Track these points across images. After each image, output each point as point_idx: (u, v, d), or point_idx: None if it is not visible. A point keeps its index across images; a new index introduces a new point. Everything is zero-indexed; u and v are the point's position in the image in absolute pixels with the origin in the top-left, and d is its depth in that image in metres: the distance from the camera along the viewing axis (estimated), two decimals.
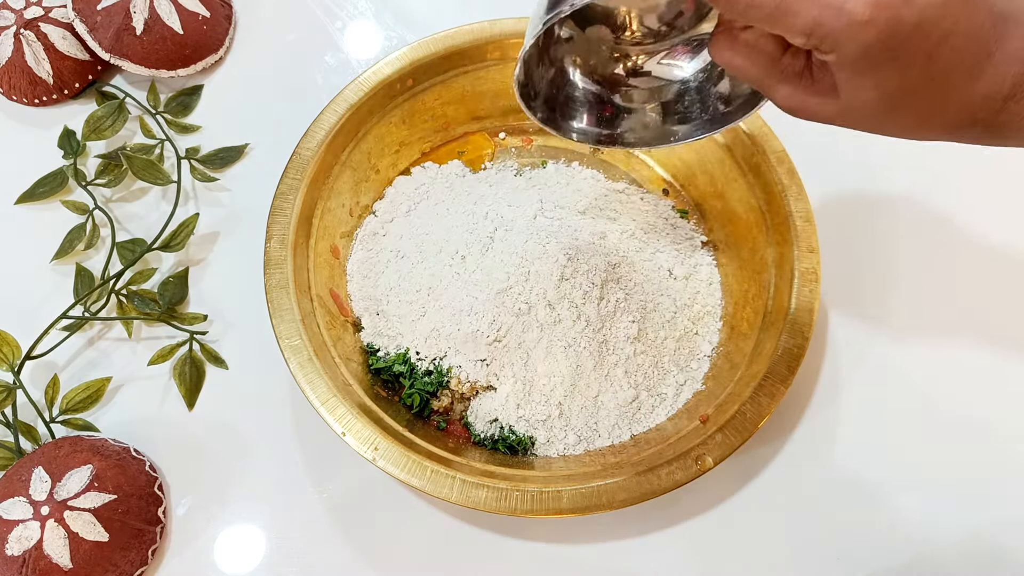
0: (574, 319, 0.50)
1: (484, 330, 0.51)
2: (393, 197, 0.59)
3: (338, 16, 0.68)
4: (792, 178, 0.53)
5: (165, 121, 0.63)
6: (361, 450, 0.45)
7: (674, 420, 0.51)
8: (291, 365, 0.48)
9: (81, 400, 0.53)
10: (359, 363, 0.52)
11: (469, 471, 0.46)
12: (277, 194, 0.53)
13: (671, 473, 0.45)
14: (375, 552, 0.50)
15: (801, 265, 0.51)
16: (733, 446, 0.46)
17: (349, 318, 0.54)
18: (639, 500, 0.45)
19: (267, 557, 0.50)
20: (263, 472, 0.52)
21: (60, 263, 0.58)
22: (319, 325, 0.50)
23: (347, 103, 0.56)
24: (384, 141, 0.58)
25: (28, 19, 0.61)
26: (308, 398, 0.47)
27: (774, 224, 0.53)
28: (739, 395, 0.48)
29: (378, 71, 0.57)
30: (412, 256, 0.55)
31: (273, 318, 0.49)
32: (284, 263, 0.51)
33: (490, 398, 0.52)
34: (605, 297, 0.51)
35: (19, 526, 0.45)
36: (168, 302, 0.56)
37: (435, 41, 0.58)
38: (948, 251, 0.59)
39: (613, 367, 0.52)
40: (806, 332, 0.49)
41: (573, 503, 0.44)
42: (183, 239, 0.57)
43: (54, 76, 0.62)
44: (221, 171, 0.61)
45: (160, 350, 0.54)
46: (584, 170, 0.60)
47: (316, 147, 0.54)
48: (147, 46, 0.62)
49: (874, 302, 0.57)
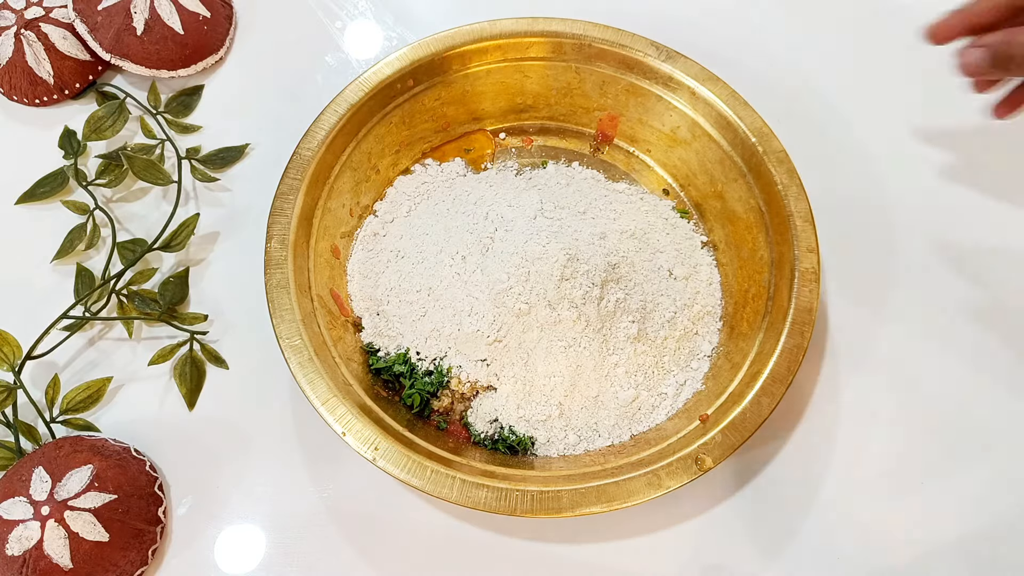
0: (574, 319, 0.50)
1: (484, 330, 0.51)
2: (393, 197, 0.59)
3: (338, 16, 0.68)
4: (792, 178, 0.53)
5: (166, 121, 0.63)
6: (361, 450, 0.45)
7: (674, 420, 0.51)
8: (291, 365, 0.48)
9: (81, 400, 0.53)
10: (359, 363, 0.52)
11: (469, 471, 0.46)
12: (277, 194, 0.53)
13: (671, 473, 0.45)
14: (375, 552, 0.50)
15: (801, 265, 0.51)
16: (733, 446, 0.46)
17: (349, 318, 0.54)
18: (639, 500, 0.45)
19: (267, 557, 0.50)
20: (263, 472, 0.52)
21: (61, 263, 0.58)
22: (319, 325, 0.50)
23: (347, 103, 0.56)
24: (384, 141, 0.58)
25: (29, 19, 0.61)
26: (308, 398, 0.47)
27: (774, 224, 0.53)
28: (739, 395, 0.48)
29: (378, 71, 0.57)
30: (412, 256, 0.55)
31: (273, 318, 0.49)
32: (284, 263, 0.51)
33: (490, 398, 0.52)
34: (605, 297, 0.51)
35: (19, 526, 0.45)
36: (168, 302, 0.56)
37: (435, 41, 0.58)
38: (948, 251, 0.59)
39: (613, 367, 0.52)
40: (806, 332, 0.49)
41: (573, 503, 0.44)
42: (183, 239, 0.57)
43: (55, 76, 0.62)
44: (221, 171, 0.62)
45: (160, 350, 0.54)
46: (584, 170, 0.60)
47: (316, 147, 0.54)
48: (147, 46, 0.62)
49: (874, 302, 0.57)
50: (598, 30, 0.58)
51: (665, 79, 0.57)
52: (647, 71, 0.58)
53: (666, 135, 0.59)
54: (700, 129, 0.57)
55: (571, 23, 0.58)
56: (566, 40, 0.58)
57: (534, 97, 0.61)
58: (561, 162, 0.61)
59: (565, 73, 0.59)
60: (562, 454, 0.50)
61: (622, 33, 0.58)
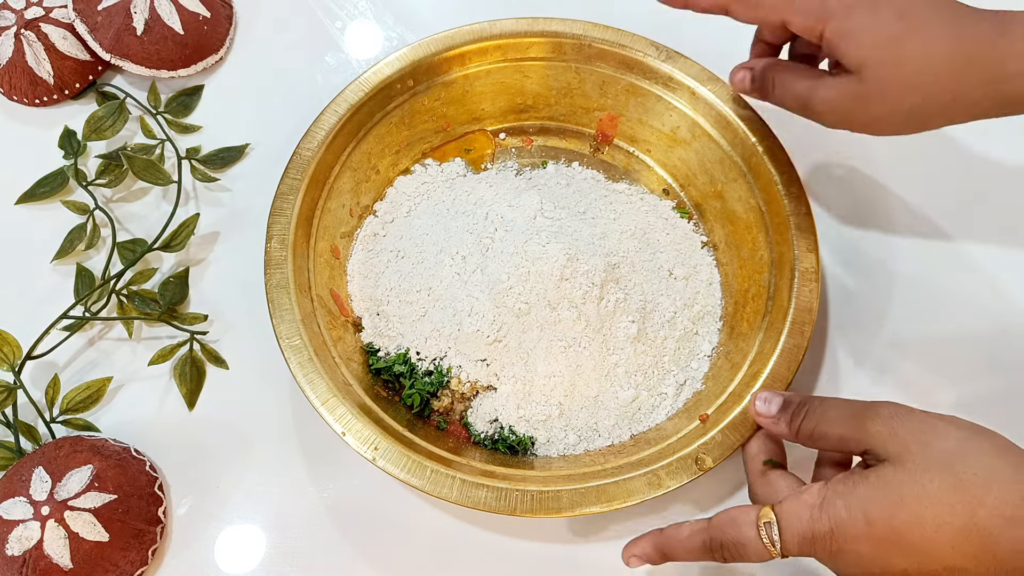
0: (574, 319, 0.50)
1: (484, 330, 0.51)
2: (393, 197, 0.59)
3: (338, 16, 0.68)
4: (792, 178, 0.53)
5: (166, 121, 0.63)
6: (361, 450, 0.45)
7: (674, 420, 0.51)
8: (291, 365, 0.48)
9: (81, 400, 0.53)
10: (359, 363, 0.52)
11: (469, 471, 0.46)
12: (277, 194, 0.53)
13: (671, 473, 0.45)
14: (375, 552, 0.50)
15: (801, 265, 0.51)
16: (733, 446, 0.46)
17: (349, 318, 0.54)
18: (639, 500, 0.45)
19: (267, 557, 0.50)
20: (263, 472, 0.52)
21: (60, 263, 0.58)
22: (319, 325, 0.50)
23: (348, 103, 0.56)
24: (384, 141, 0.58)
25: (29, 19, 0.61)
26: (308, 398, 0.47)
27: (774, 224, 0.53)
28: (739, 395, 0.48)
29: (378, 71, 0.57)
30: (412, 256, 0.55)
31: (273, 318, 0.49)
32: (284, 263, 0.51)
33: (490, 398, 0.52)
34: (605, 297, 0.51)
35: (19, 526, 0.45)
36: (168, 302, 0.56)
37: (435, 41, 0.58)
38: (948, 251, 0.59)
39: (613, 367, 0.52)
40: (806, 332, 0.49)
41: (573, 503, 0.44)
42: (183, 239, 0.57)
43: (55, 76, 0.62)
44: (221, 171, 0.62)
45: (160, 350, 0.54)
46: (584, 171, 0.60)
47: (317, 147, 0.54)
48: (148, 46, 0.62)
49: (874, 302, 0.57)
50: (598, 30, 0.58)
51: (665, 79, 0.57)
52: (647, 71, 0.58)
53: (666, 135, 0.59)
54: (700, 129, 0.57)
55: (571, 23, 0.58)
56: (566, 40, 0.58)
57: (534, 97, 0.61)
58: (561, 162, 0.61)
59: (565, 73, 0.59)
60: (562, 454, 0.50)
61: (622, 33, 0.58)
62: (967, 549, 0.35)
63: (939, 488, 0.36)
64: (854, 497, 0.37)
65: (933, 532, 0.35)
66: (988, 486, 0.35)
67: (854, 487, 0.37)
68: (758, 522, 0.39)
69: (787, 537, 0.38)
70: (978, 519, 0.35)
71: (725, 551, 0.40)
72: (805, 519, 0.38)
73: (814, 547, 0.38)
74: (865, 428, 0.39)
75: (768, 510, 0.39)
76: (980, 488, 0.35)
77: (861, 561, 0.37)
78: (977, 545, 0.35)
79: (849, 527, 0.37)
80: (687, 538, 0.41)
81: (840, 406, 0.41)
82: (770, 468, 0.44)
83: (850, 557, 0.37)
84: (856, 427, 0.39)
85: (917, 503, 0.36)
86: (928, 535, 0.35)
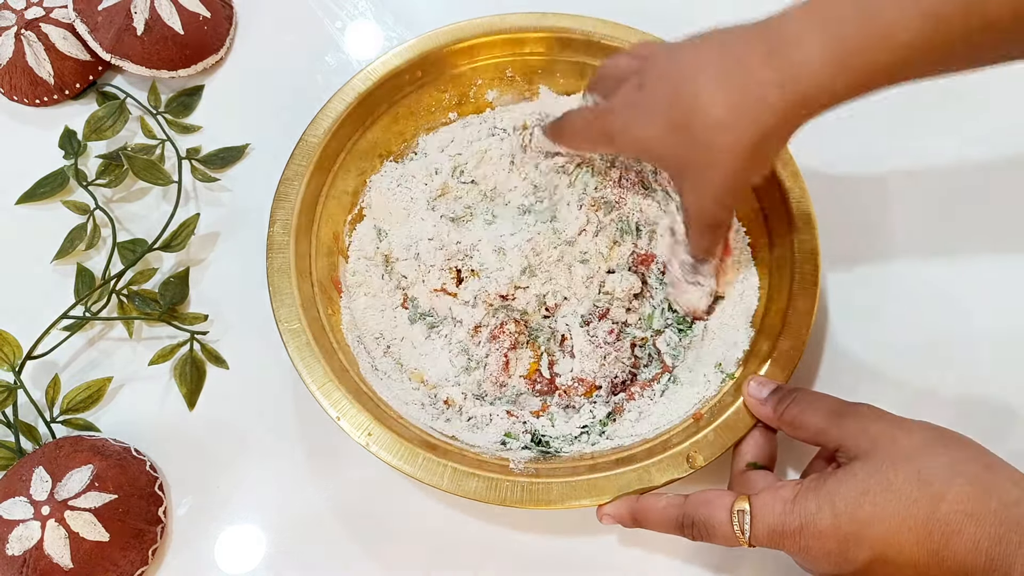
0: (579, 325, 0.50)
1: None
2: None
3: (338, 16, 0.68)
4: (796, 180, 0.53)
5: (166, 121, 0.63)
6: (355, 435, 0.45)
7: (668, 416, 0.50)
8: (289, 349, 0.47)
9: (82, 400, 0.53)
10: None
11: (461, 460, 0.46)
12: (282, 179, 0.52)
13: (662, 469, 0.45)
14: (376, 551, 0.50)
15: (801, 265, 0.51)
16: (725, 446, 0.46)
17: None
18: (628, 495, 0.44)
19: (267, 557, 0.50)
20: (263, 472, 0.52)
21: (61, 263, 0.58)
22: (319, 311, 0.50)
23: (355, 92, 0.55)
24: (390, 131, 0.58)
25: (29, 19, 0.61)
26: (305, 382, 0.46)
27: (774, 225, 0.53)
28: (734, 396, 0.48)
29: (387, 62, 0.56)
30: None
31: (273, 302, 0.49)
32: (286, 248, 0.50)
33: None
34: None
35: (20, 526, 0.45)
36: (169, 302, 0.56)
37: (444, 33, 0.58)
38: (949, 254, 0.58)
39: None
40: (803, 334, 0.49)
41: (563, 496, 0.44)
42: (184, 239, 0.57)
43: (55, 76, 0.62)
44: (222, 171, 0.62)
45: (161, 350, 0.55)
46: (584, 171, 0.60)
47: (323, 134, 0.54)
48: (148, 46, 0.62)
49: (874, 304, 0.57)
50: (607, 27, 0.58)
51: None
52: None
53: None
54: None
55: (580, 19, 0.58)
56: (575, 36, 0.58)
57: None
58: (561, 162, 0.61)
59: (573, 69, 0.59)
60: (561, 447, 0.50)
61: (631, 30, 0.58)
62: (929, 545, 0.36)
63: (903, 482, 0.36)
64: (823, 491, 0.38)
65: (896, 524, 0.36)
66: (950, 482, 0.36)
67: (824, 482, 0.38)
68: (732, 508, 0.40)
69: (758, 527, 0.39)
70: (940, 514, 0.36)
71: (695, 529, 0.41)
72: (777, 512, 0.39)
73: (783, 541, 0.38)
74: (841, 424, 0.40)
75: (744, 499, 0.40)
76: (943, 484, 0.36)
77: (829, 558, 0.38)
78: (939, 540, 0.35)
79: (818, 522, 0.37)
80: (662, 509, 0.42)
81: (825, 401, 0.43)
82: (752, 469, 0.44)
83: (817, 553, 0.38)
84: (834, 422, 0.41)
85: (881, 496, 0.36)
86: (892, 528, 0.36)
